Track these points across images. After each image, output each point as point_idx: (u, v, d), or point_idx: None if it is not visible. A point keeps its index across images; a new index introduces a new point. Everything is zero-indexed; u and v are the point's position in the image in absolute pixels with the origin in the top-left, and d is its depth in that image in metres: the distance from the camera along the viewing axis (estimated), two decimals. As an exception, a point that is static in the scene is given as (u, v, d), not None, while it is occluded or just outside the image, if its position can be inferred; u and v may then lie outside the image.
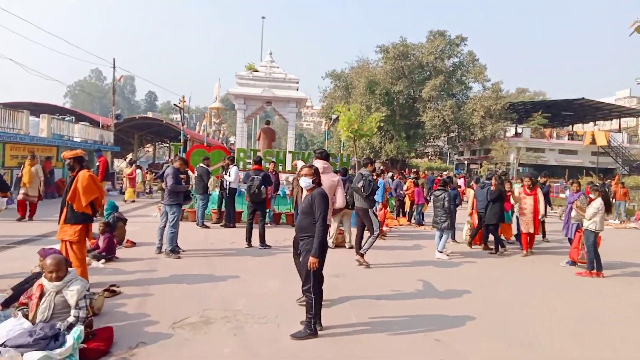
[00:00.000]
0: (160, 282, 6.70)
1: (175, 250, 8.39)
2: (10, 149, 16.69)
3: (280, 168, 14.14)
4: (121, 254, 8.32)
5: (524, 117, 46.68)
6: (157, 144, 42.17)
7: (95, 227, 7.33)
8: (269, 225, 12.54)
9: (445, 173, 34.32)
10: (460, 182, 27.39)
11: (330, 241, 9.84)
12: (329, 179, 6.39)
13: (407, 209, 15.01)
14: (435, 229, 9.89)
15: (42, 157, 18.63)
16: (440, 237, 9.65)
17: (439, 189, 9.82)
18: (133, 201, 17.52)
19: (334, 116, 28.21)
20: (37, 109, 22.52)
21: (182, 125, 16.15)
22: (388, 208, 13.27)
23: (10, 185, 16.54)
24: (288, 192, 13.86)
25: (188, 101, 60.26)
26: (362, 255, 8.35)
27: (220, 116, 45.18)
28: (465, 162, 55.80)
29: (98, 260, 7.46)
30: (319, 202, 4.83)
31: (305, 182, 5.05)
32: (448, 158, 60.24)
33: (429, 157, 55.16)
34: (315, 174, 5.08)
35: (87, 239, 6.33)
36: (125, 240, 9.20)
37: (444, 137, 48.05)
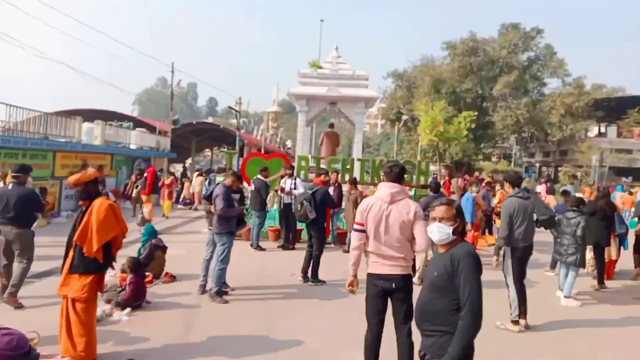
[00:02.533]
0: (196, 352, 4.90)
1: (221, 292, 6.60)
2: (61, 157, 15.84)
3: (345, 178, 12.16)
4: (156, 294, 6.65)
5: (607, 116, 41.97)
6: (215, 149, 41.59)
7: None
8: (331, 246, 10.64)
9: (481, 175, 30.66)
10: (541, 188, 24.14)
11: (416, 278, 7.71)
12: (402, 212, 3.96)
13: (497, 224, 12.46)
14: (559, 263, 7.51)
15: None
16: (566, 276, 7.26)
17: (572, 210, 7.36)
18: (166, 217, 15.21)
19: (405, 117, 25.96)
20: (96, 115, 22.00)
21: (238, 130, 14.55)
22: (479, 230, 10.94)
23: (59, 196, 15.72)
24: (356, 207, 11.84)
25: (246, 106, 59.79)
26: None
27: (277, 120, 44.00)
28: (537, 165, 51.41)
29: (122, 309, 5.79)
30: (470, 273, 2.78)
31: (441, 232, 2.97)
32: (513, 160, 55.73)
33: (498, 158, 51.24)
34: (459, 217, 3.00)
35: (99, 292, 4.65)
36: (163, 274, 7.57)
37: (515, 137, 44.22)
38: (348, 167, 12.33)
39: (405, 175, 14.65)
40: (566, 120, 37.56)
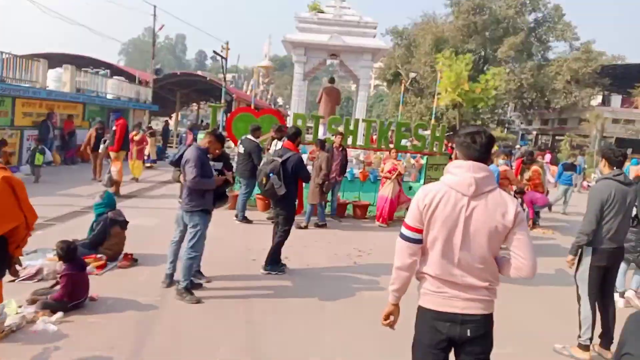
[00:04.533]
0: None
1: (190, 288, 5.03)
2: (22, 104, 13.88)
3: (349, 142, 10.50)
4: (106, 286, 5.08)
5: (612, 84, 40.23)
6: (202, 103, 39.28)
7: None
8: (329, 219, 9.15)
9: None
10: (546, 159, 22.64)
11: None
12: (494, 212, 2.42)
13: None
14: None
15: (63, 116, 15.91)
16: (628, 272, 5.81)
17: None
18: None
19: (413, 74, 24.09)
20: (70, 60, 19.79)
21: (225, 80, 12.60)
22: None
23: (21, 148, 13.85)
24: (358, 174, 10.26)
25: (236, 60, 56.75)
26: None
27: (269, 75, 41.66)
28: (534, 133, 49.91)
29: (52, 313, 4.21)
30: None
31: None
32: (509, 127, 53.70)
33: (493, 124, 49.42)
34: None
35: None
36: (122, 256, 5.97)
37: (515, 103, 42.38)
38: (352, 128, 10.62)
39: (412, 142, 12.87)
40: (571, 87, 35.84)
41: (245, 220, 8.72)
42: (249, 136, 8.86)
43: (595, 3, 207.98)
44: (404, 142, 11.05)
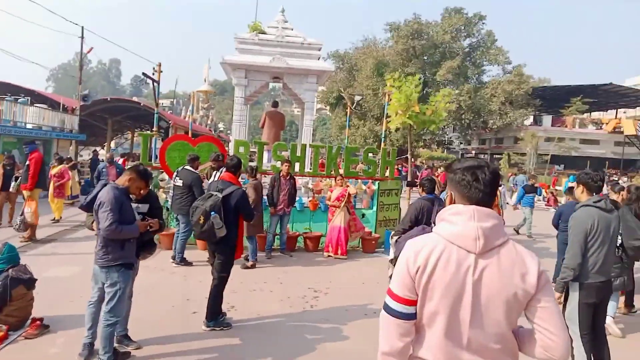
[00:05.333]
0: None
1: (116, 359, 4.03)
2: None
3: (296, 169, 9.78)
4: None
5: (542, 105, 42.52)
6: (137, 130, 37.32)
7: None
8: (277, 254, 8.35)
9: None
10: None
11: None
12: (511, 274, 1.76)
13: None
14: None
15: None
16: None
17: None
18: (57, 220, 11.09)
19: (357, 97, 23.85)
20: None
21: (157, 105, 11.52)
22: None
23: None
24: (307, 203, 9.53)
25: (174, 85, 54.91)
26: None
27: (208, 100, 40.52)
28: (473, 152, 51.73)
29: None
30: None
31: None
32: (446, 147, 55.37)
33: (434, 145, 50.72)
34: None
35: None
36: (29, 322, 4.84)
37: (453, 124, 43.71)
38: (299, 154, 9.94)
39: (361, 167, 12.37)
40: (505, 108, 37.40)
41: (184, 262, 7.70)
42: (187, 167, 7.92)
43: (523, 28, 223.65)
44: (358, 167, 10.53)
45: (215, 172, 8.08)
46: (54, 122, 19.39)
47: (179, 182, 7.74)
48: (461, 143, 52.08)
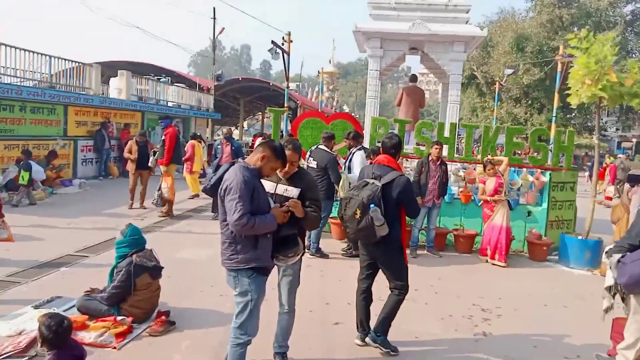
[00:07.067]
0: None
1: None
2: (75, 113, 12.92)
3: (445, 153, 8.33)
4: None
5: None
6: (267, 112, 38.24)
7: None
8: (424, 252, 7.10)
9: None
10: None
11: None
12: None
13: None
14: None
15: (120, 125, 14.93)
16: None
17: None
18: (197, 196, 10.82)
19: (508, 71, 21.44)
20: (132, 68, 19.07)
21: (287, 79, 10.77)
22: None
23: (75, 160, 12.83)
24: (458, 195, 8.05)
25: (300, 68, 55.63)
26: None
27: (333, 82, 40.02)
28: (634, 141, 44.40)
29: None
30: None
31: None
32: (595, 133, 47.76)
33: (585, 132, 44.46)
34: None
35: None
36: (154, 316, 4.25)
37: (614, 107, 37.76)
38: (446, 135, 8.47)
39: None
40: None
41: (319, 253, 6.81)
42: (321, 146, 6.96)
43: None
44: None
45: (354, 151, 7.06)
46: (192, 101, 20.14)
47: (313, 164, 6.80)
48: (617, 129, 45.12)
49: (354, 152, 7.06)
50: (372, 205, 3.61)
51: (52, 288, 4.96)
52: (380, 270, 4.06)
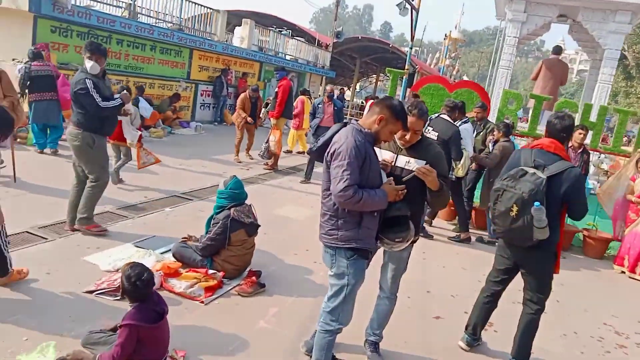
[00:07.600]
0: None
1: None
2: (199, 57, 13.34)
3: (587, 140, 7.11)
4: (202, 330, 3.16)
5: None
6: (382, 75, 37.08)
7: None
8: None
9: None
10: None
11: None
12: None
13: None
14: None
15: (238, 74, 15.21)
16: None
17: None
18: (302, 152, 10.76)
19: None
20: (256, 18, 19.33)
21: (412, 36, 9.92)
22: None
23: (194, 103, 13.37)
24: (596, 190, 6.88)
25: (422, 32, 52.94)
26: None
27: (456, 49, 37.50)
28: None
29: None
30: None
31: None
32: None
33: None
34: None
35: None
36: (245, 273, 4.08)
37: None
38: (593, 120, 7.23)
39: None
40: None
41: (423, 232, 6.24)
42: (444, 116, 6.22)
43: None
44: None
45: (458, 124, 6.18)
46: (309, 57, 19.96)
47: (433, 135, 6.10)
48: None
49: (459, 126, 6.20)
50: (536, 203, 2.92)
51: (155, 227, 5.03)
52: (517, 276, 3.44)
